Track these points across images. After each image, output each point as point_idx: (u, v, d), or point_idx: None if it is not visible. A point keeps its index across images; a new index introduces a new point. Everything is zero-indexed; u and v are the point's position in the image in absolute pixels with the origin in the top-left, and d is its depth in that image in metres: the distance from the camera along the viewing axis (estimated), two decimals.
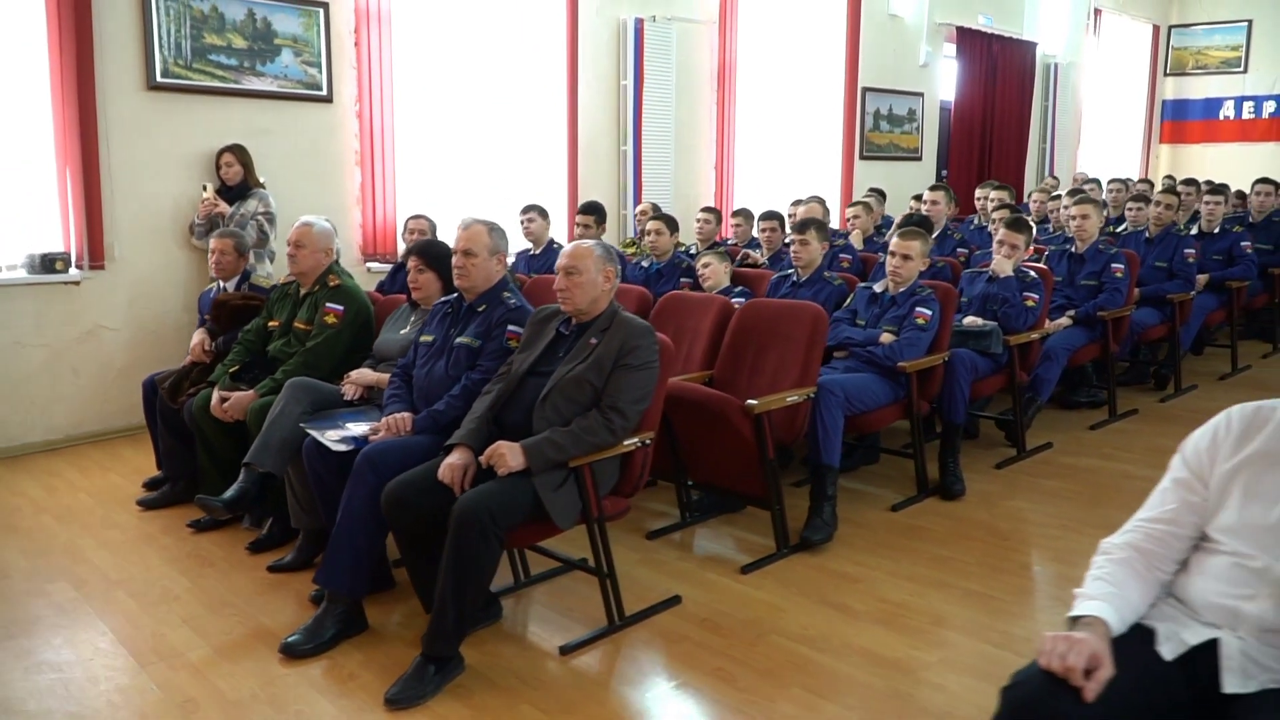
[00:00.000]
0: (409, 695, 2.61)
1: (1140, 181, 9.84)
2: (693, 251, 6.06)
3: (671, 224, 5.24)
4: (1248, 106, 13.03)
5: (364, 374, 3.61)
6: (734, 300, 4.59)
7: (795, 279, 4.54)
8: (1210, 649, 1.63)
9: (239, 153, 5.49)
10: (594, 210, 5.62)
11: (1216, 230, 6.09)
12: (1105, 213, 7.78)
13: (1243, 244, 5.97)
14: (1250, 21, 12.95)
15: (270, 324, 4.01)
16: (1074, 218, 5.18)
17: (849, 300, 4.29)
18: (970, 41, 10.37)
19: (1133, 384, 5.99)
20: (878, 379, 3.94)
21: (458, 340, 3.28)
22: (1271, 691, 1.56)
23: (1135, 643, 1.67)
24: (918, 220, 5.34)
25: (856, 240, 6.03)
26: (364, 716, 2.57)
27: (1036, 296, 4.46)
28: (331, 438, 3.14)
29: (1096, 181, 9.11)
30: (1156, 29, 13.35)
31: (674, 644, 2.95)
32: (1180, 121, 13.63)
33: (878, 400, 3.90)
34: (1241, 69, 13.07)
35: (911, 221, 5.09)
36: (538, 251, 5.83)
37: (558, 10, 7.00)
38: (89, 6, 5.05)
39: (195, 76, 5.51)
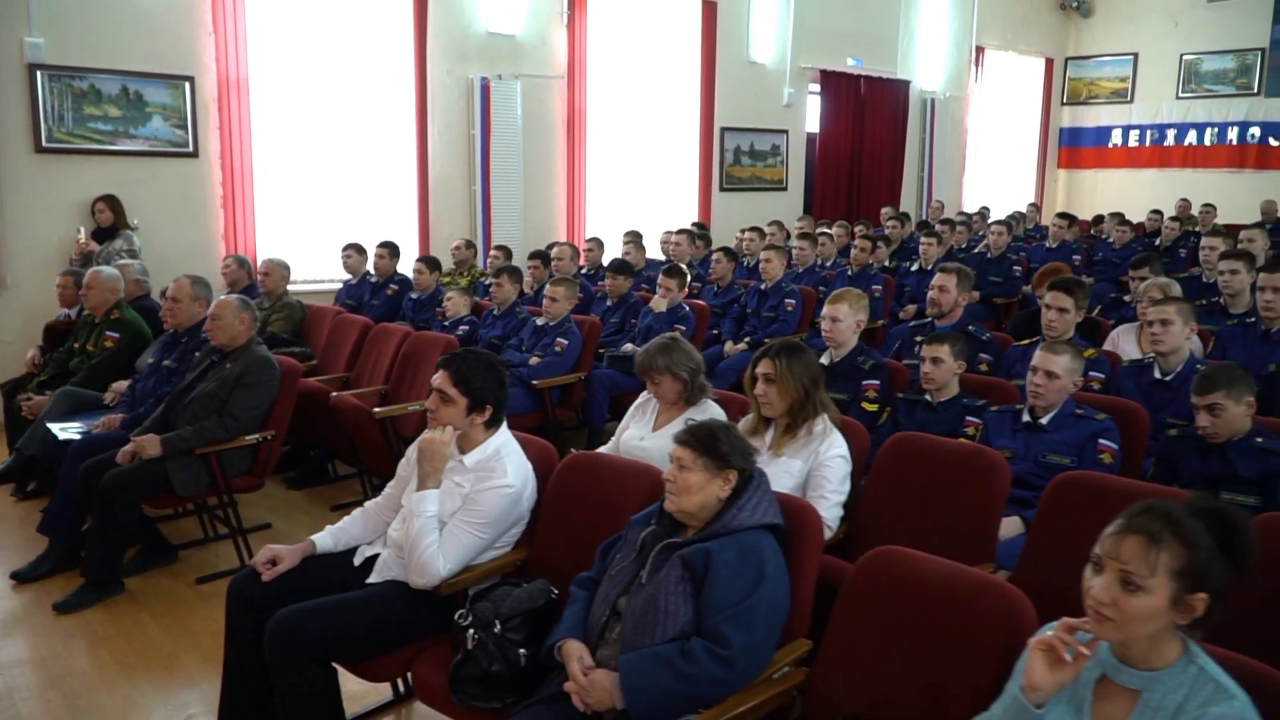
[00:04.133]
0: (69, 604, 3.91)
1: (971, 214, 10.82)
2: (488, 283, 7.31)
3: (432, 263, 6.49)
4: (1134, 134, 13.90)
5: (121, 385, 4.92)
6: (461, 327, 5.86)
7: (495, 312, 5.77)
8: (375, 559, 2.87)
9: (110, 201, 6.86)
10: (388, 245, 6.90)
11: (930, 268, 7.15)
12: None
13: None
14: (1136, 55, 13.81)
15: (75, 345, 5.35)
16: (758, 260, 6.32)
17: (523, 329, 5.51)
18: (836, 82, 11.44)
19: None
20: (523, 392, 5.16)
21: (164, 363, 4.59)
22: (385, 580, 2.78)
23: (347, 555, 2.91)
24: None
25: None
26: (36, 616, 3.87)
27: (683, 328, 5.61)
28: (64, 430, 4.45)
29: (921, 224, 10.13)
30: (1050, 62, 14.24)
31: None
32: (1075, 148, 14.52)
33: (517, 408, 5.08)
34: (1129, 99, 13.94)
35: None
36: (355, 281, 7.10)
37: (407, 71, 8.26)
38: None
39: (76, 141, 6.89)
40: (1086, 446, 3.19)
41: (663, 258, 8.43)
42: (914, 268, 7.30)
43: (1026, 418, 3.35)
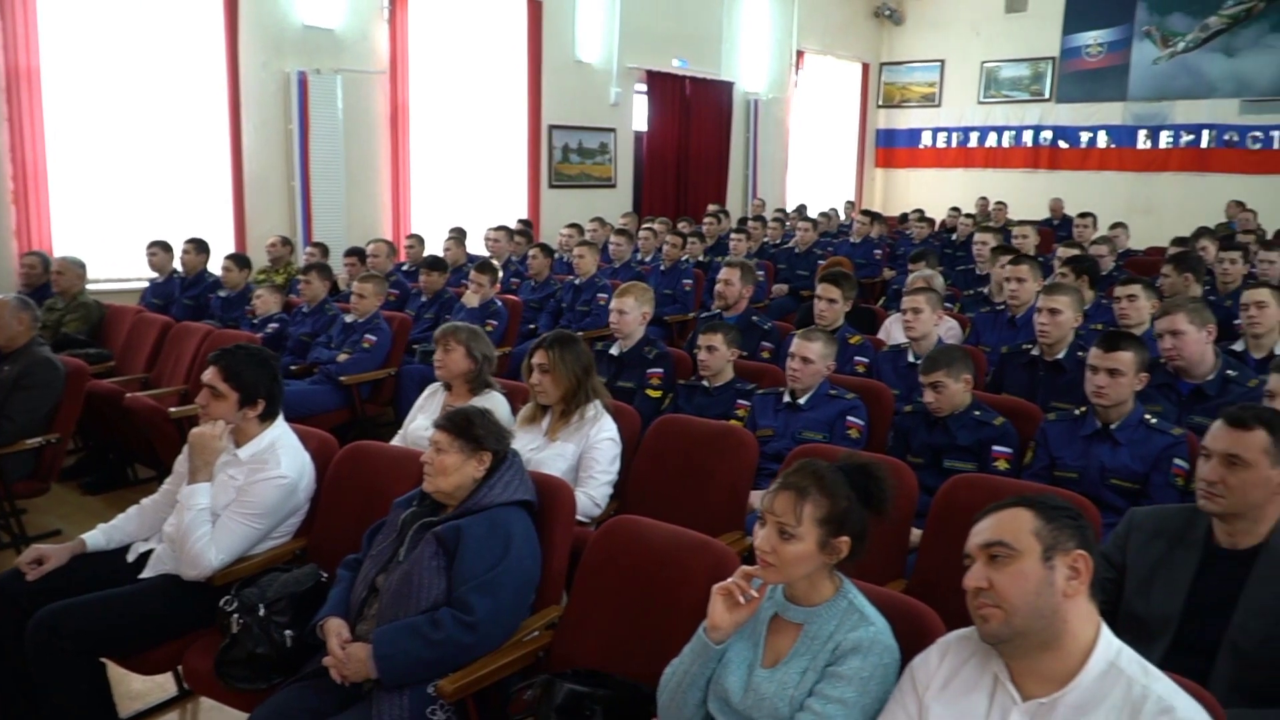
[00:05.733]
0: None
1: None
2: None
3: (241, 261, 6.41)
4: (941, 136, 14.85)
5: None
6: (271, 325, 5.81)
7: (304, 309, 5.75)
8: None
9: None
10: (195, 242, 6.75)
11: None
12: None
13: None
14: (943, 61, 14.76)
15: None
16: (572, 257, 6.52)
17: (332, 326, 5.52)
18: (662, 82, 11.76)
19: None
20: (331, 389, 5.18)
21: None
22: (157, 575, 2.81)
23: (120, 552, 2.91)
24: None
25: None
26: None
27: (495, 323, 5.74)
28: None
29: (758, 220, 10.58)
30: (866, 67, 15.05)
31: None
32: (891, 149, 15.41)
33: (326, 405, 5.12)
34: (937, 103, 14.89)
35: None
36: (162, 279, 6.90)
37: (218, 63, 8.02)
38: None
39: None
40: (836, 423, 3.51)
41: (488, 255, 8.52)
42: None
43: (787, 399, 3.65)
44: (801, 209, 11.85)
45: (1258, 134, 12.23)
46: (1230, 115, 12.41)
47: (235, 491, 2.80)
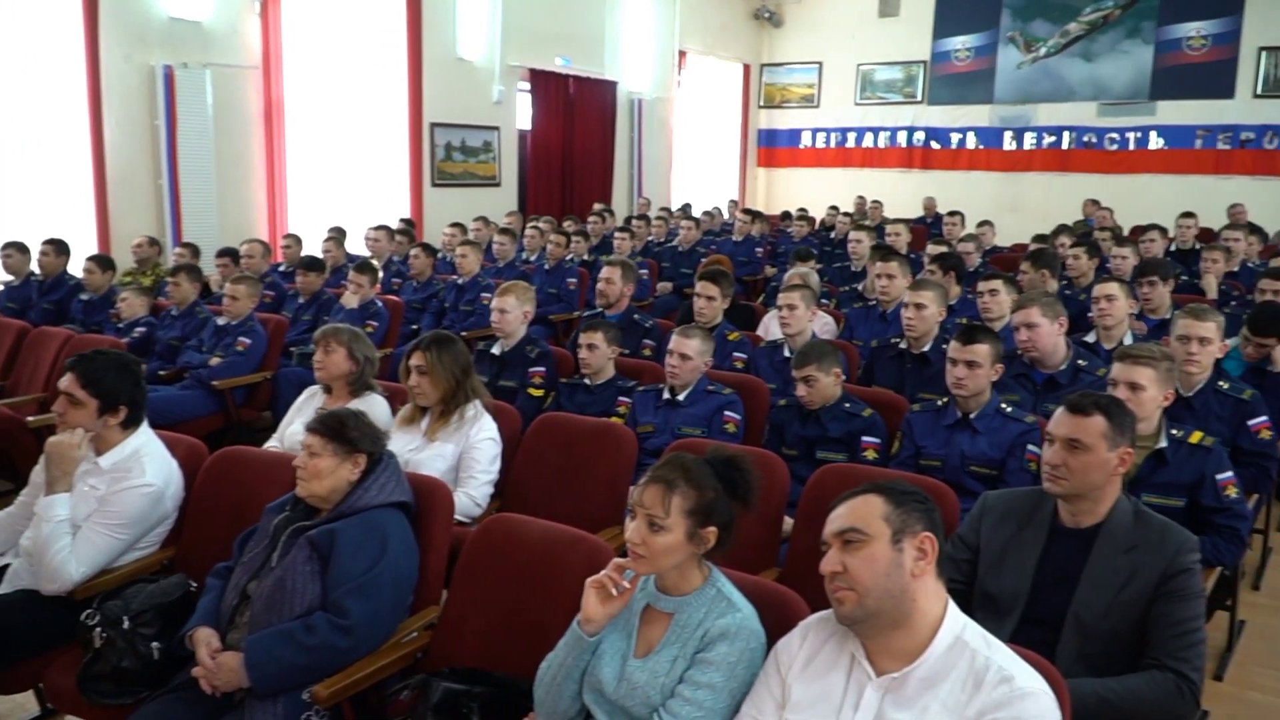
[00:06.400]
0: None
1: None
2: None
3: (105, 262, 6.14)
4: (820, 137, 15.27)
5: None
6: (138, 329, 5.60)
7: (174, 312, 5.56)
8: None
9: None
10: (54, 243, 6.43)
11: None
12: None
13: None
14: (820, 63, 15.16)
15: None
16: (455, 257, 6.46)
17: (203, 329, 5.34)
18: (545, 80, 11.75)
19: None
20: (203, 394, 5.02)
21: None
22: (14, 590, 2.69)
23: None
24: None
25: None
26: None
27: (376, 324, 5.65)
28: None
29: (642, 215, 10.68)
30: (747, 68, 15.35)
31: None
32: (772, 149, 15.75)
33: (198, 411, 4.96)
34: (815, 104, 15.29)
35: None
36: (18, 283, 6.55)
37: (76, 56, 7.63)
38: None
39: None
40: (714, 418, 3.59)
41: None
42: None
43: (667, 395, 3.71)
44: (686, 208, 12.01)
45: (1114, 135, 12.98)
46: (1089, 118, 13.13)
47: (97, 502, 2.70)
